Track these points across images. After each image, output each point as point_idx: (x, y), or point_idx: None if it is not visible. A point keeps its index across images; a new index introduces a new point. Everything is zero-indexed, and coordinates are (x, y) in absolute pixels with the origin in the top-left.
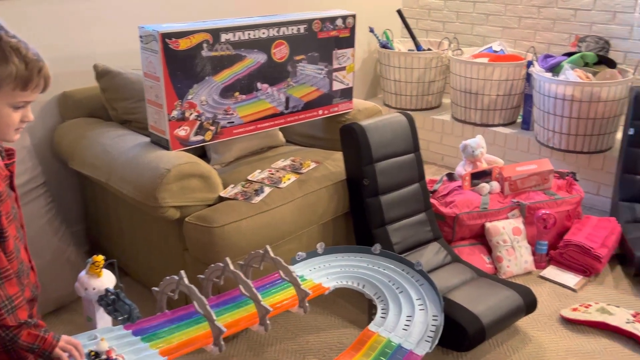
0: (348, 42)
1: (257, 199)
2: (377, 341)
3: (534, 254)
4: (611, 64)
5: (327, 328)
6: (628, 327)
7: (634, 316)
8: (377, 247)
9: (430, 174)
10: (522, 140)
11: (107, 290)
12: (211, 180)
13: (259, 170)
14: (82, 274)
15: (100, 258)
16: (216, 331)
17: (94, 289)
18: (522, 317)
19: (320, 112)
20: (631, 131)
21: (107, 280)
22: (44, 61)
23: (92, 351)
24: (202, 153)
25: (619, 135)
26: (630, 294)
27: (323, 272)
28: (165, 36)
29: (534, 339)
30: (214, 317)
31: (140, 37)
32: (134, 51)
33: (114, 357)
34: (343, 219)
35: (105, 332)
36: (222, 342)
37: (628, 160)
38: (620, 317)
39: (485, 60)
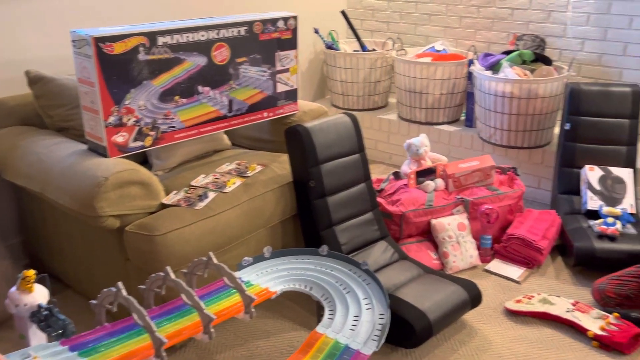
0: (290, 43)
1: (201, 205)
2: (325, 343)
3: (478, 248)
4: (547, 61)
5: (277, 332)
6: (568, 316)
7: (574, 305)
8: (324, 249)
9: (379, 173)
10: (466, 137)
11: (39, 306)
12: (152, 187)
13: (203, 175)
14: (13, 289)
15: (30, 273)
16: (157, 342)
17: (25, 305)
18: (468, 311)
19: (265, 114)
20: (567, 126)
21: (39, 295)
22: None
23: None
24: (143, 159)
25: (557, 130)
26: (570, 284)
27: (270, 277)
28: (99, 40)
29: (480, 331)
30: (154, 329)
31: (73, 41)
32: (68, 56)
33: None
34: (291, 221)
35: (40, 350)
36: (164, 354)
37: (565, 154)
38: (560, 307)
39: (428, 59)
